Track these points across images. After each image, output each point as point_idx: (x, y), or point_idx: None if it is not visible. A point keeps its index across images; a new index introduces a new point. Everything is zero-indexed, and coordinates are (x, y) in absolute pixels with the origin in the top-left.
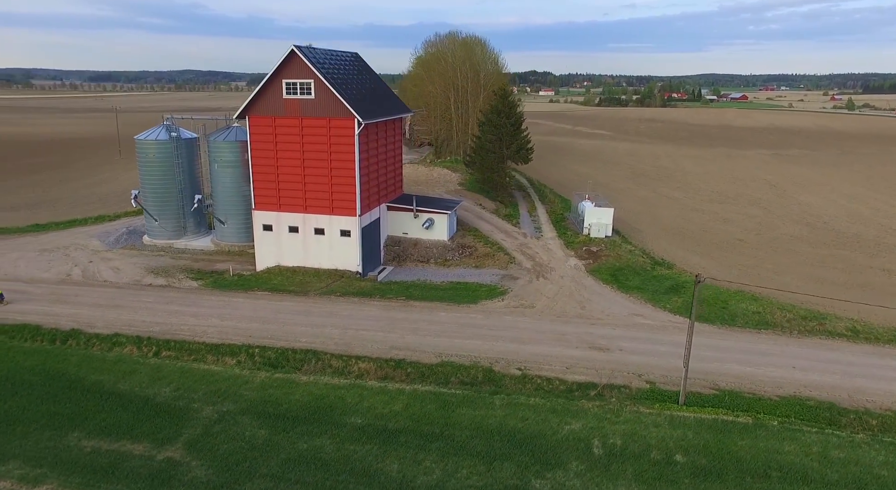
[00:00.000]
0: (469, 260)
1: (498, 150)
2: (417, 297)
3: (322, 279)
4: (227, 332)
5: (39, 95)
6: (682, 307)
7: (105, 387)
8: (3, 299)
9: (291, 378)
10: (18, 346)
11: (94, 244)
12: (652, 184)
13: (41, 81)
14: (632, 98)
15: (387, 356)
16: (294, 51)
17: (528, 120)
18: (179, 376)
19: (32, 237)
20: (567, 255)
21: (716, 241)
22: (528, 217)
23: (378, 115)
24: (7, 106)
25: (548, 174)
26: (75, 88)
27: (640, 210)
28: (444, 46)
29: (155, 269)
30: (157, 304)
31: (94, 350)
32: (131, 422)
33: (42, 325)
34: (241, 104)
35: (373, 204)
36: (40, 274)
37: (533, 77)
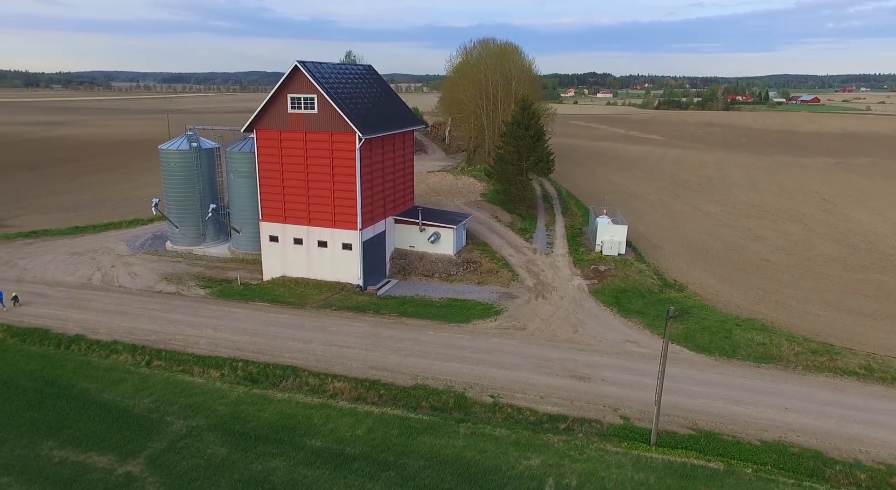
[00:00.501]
0: (472, 276)
1: (517, 162)
2: (411, 313)
3: (323, 292)
4: (218, 344)
5: (116, 97)
6: (682, 335)
7: (91, 395)
8: (17, 301)
9: (267, 394)
10: (26, 349)
11: (120, 248)
12: (689, 196)
13: (120, 84)
14: (692, 101)
15: (363, 376)
16: (297, 67)
17: (581, 123)
18: (163, 387)
19: (69, 240)
20: (573, 273)
21: (740, 262)
22: (543, 231)
23: (383, 129)
24: (87, 107)
25: (581, 183)
26: (149, 90)
27: (668, 225)
28: (477, 53)
29: (169, 275)
30: (161, 312)
31: (93, 357)
32: (104, 433)
33: (51, 329)
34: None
35: (377, 217)
36: (64, 277)
37: (592, 79)
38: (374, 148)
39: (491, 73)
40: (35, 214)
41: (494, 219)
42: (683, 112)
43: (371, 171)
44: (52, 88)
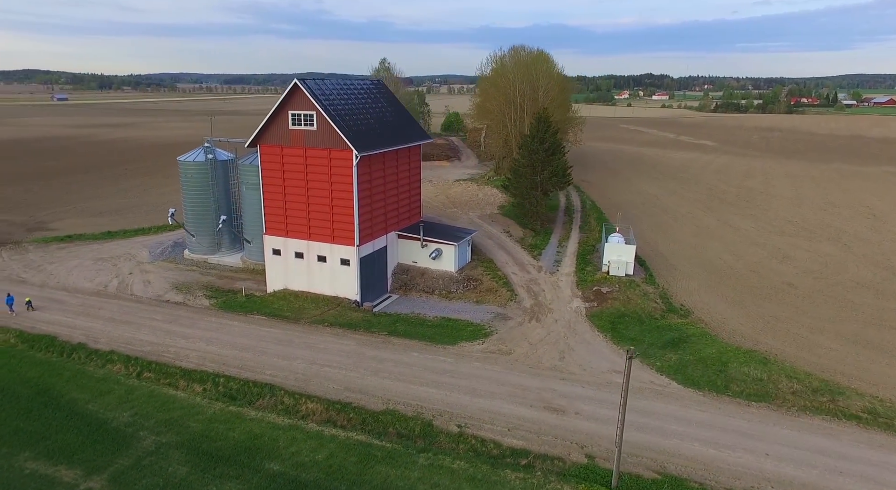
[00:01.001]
0: (471, 294)
1: (530, 175)
2: (400, 332)
3: (320, 306)
4: (206, 358)
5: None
6: (674, 366)
7: (77, 406)
8: (31, 306)
9: (241, 412)
10: (31, 356)
11: (142, 255)
12: (723, 209)
13: (185, 85)
14: (752, 103)
15: (337, 398)
16: (297, 84)
17: (630, 127)
18: (145, 400)
19: (98, 245)
20: (574, 295)
21: (758, 285)
22: (555, 248)
23: (385, 145)
24: (151, 109)
25: (612, 194)
26: (210, 91)
27: (691, 242)
28: (506, 61)
29: (180, 284)
30: (162, 322)
31: (89, 367)
32: (79, 445)
33: (58, 336)
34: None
35: (377, 233)
36: (83, 283)
37: (648, 80)
38: (373, 164)
39: (518, 82)
40: (76, 218)
41: (505, 233)
42: (741, 115)
43: (370, 187)
44: (123, 90)
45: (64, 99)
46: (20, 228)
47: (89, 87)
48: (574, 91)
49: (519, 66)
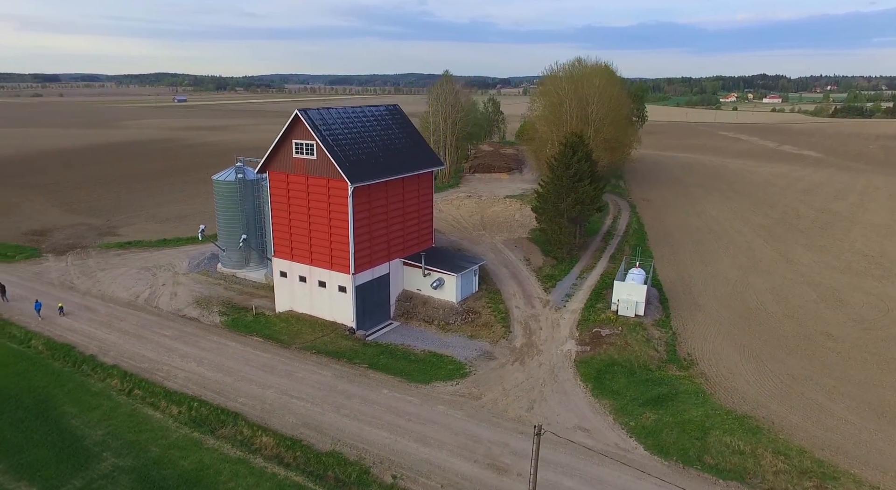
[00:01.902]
0: (467, 327)
1: (554, 202)
2: (380, 366)
3: (316, 331)
4: (191, 380)
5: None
6: (648, 428)
7: (63, 420)
8: (62, 312)
9: (201, 440)
10: (48, 364)
11: (181, 266)
12: (789, 237)
13: (292, 85)
14: (880, 107)
15: (291, 433)
16: (297, 115)
17: (729, 135)
18: (124, 419)
19: (149, 253)
20: (570, 335)
21: (790, 334)
22: (573, 279)
23: (389, 174)
24: (256, 110)
25: (669, 215)
26: (314, 92)
27: (732, 277)
28: (558, 76)
29: (202, 298)
30: (168, 339)
31: (91, 380)
32: (46, 462)
33: (75, 346)
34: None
35: (378, 261)
36: (120, 293)
37: (761, 81)
38: (373, 192)
39: (568, 99)
40: (144, 223)
41: (525, 261)
42: (864, 121)
43: (369, 215)
44: (236, 91)
45: (183, 100)
46: (94, 233)
47: (207, 89)
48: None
49: (569, 79)
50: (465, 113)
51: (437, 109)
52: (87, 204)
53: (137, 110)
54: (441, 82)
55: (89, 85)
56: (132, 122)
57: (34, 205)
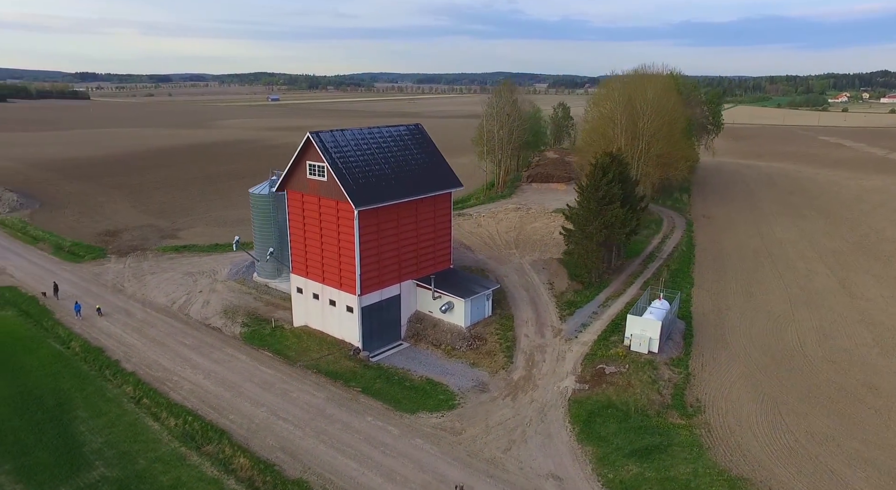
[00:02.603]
0: (471, 354)
1: (582, 225)
2: (374, 391)
3: (324, 349)
4: (194, 392)
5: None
6: (629, 483)
7: (72, 424)
8: (101, 313)
9: (185, 456)
10: (78, 367)
11: (222, 272)
12: (861, 265)
13: (381, 84)
14: None
15: (267, 456)
16: (309, 138)
17: (830, 140)
18: (126, 428)
19: (198, 258)
20: (573, 371)
21: (824, 383)
22: (594, 307)
23: (402, 196)
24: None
25: (728, 235)
26: (401, 91)
27: (777, 311)
28: (615, 84)
29: (230, 308)
30: (186, 348)
31: (109, 385)
32: (45, 466)
33: (105, 350)
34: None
35: (387, 282)
36: (159, 298)
37: (881, 78)
38: (383, 215)
39: (619, 111)
40: (203, 227)
41: (547, 285)
42: None
43: (378, 237)
44: (327, 90)
45: (276, 99)
46: (157, 235)
47: (300, 88)
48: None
49: (621, 93)
50: (522, 121)
51: (492, 117)
52: (159, 205)
53: (232, 109)
54: (499, 89)
55: (195, 84)
56: (224, 121)
57: (115, 205)
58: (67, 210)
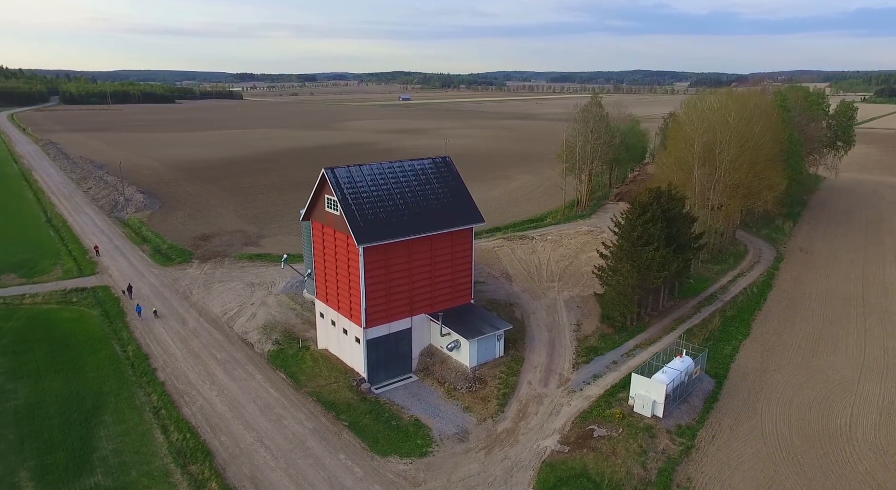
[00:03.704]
0: (468, 397)
1: (615, 266)
2: (360, 427)
3: (331, 376)
4: (203, 409)
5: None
6: None
7: (97, 429)
8: (157, 314)
9: (170, 473)
10: (123, 370)
11: (278, 285)
12: None
13: (513, 83)
14: None
15: (236, 485)
16: (324, 174)
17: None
18: (136, 438)
19: (265, 268)
20: (559, 430)
21: (856, 479)
22: (617, 355)
23: (414, 233)
24: (468, 110)
25: (819, 274)
26: (532, 90)
27: (837, 377)
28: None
29: (271, 323)
30: (214, 362)
31: (139, 392)
32: (59, 467)
33: (150, 357)
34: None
35: (397, 315)
36: (214, 308)
37: None
38: (392, 250)
39: (697, 135)
40: (285, 235)
41: (574, 327)
42: None
43: (387, 272)
44: (459, 89)
45: (407, 99)
46: (242, 241)
47: (433, 87)
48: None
49: (698, 117)
50: (611, 136)
51: (577, 131)
52: (255, 210)
53: (363, 109)
54: (587, 105)
55: (336, 84)
56: (350, 122)
57: (221, 208)
58: (180, 212)
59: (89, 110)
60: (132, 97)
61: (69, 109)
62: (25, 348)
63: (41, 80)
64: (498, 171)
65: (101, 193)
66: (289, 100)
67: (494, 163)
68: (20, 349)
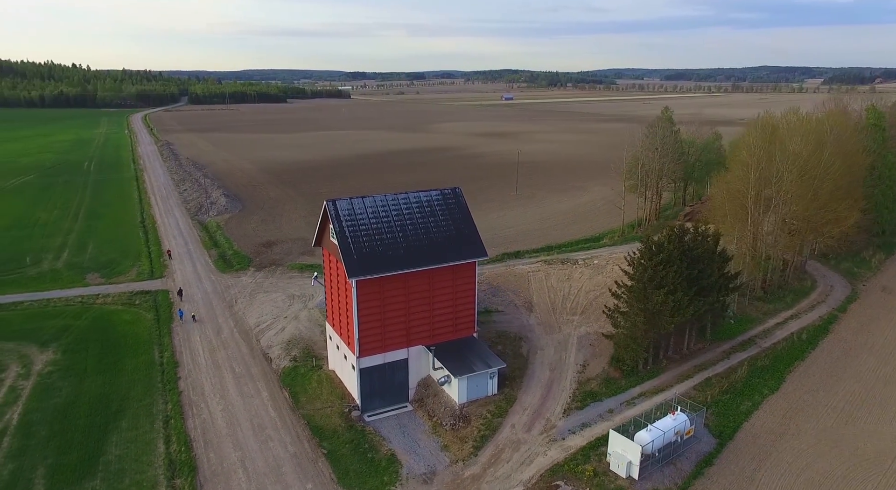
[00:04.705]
0: (449, 434)
1: (623, 308)
2: (335, 457)
3: (329, 399)
4: (205, 423)
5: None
6: None
7: (111, 433)
8: (195, 319)
9: (158, 485)
10: (153, 378)
11: (317, 298)
12: None
13: (624, 81)
14: None
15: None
16: (325, 206)
17: None
18: (140, 446)
19: (308, 280)
20: (527, 482)
21: None
22: (616, 403)
23: (405, 267)
24: (569, 111)
25: (891, 321)
26: (641, 89)
27: (872, 450)
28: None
29: (294, 339)
30: (230, 376)
31: (160, 401)
32: (69, 468)
33: (179, 365)
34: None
35: (392, 346)
36: (251, 319)
37: None
38: (388, 283)
39: (753, 162)
40: None
41: (580, 367)
42: None
43: (381, 304)
44: (565, 88)
45: (510, 99)
46: (299, 250)
47: (539, 85)
48: None
49: (759, 138)
50: (681, 154)
51: (645, 148)
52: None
53: (461, 110)
54: (656, 121)
55: (443, 82)
56: (444, 124)
57: (292, 214)
58: (256, 216)
59: (209, 110)
60: (249, 97)
61: (193, 110)
62: (83, 347)
63: (175, 81)
64: (575, 181)
65: (192, 195)
66: (393, 99)
67: (574, 171)
68: (78, 348)
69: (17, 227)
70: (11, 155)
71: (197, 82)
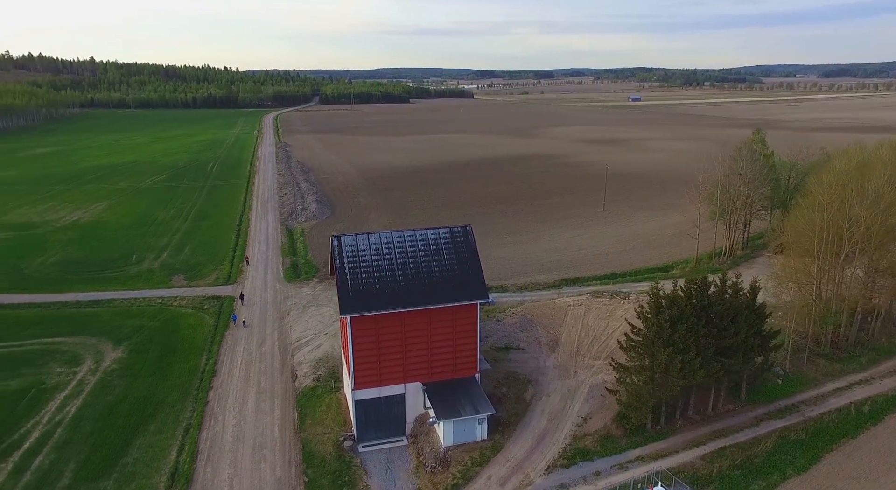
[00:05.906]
0: (426, 478)
1: (632, 367)
2: (314, 486)
3: (331, 424)
4: (215, 437)
5: (742, 99)
6: None
7: (139, 436)
8: (245, 324)
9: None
10: (191, 385)
11: None
12: None
13: (771, 79)
14: None
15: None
16: (332, 240)
17: None
18: (156, 452)
19: None
20: None
21: None
22: (607, 464)
23: (401, 306)
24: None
25: None
26: (791, 88)
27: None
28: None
29: (324, 357)
30: (253, 391)
31: (186, 411)
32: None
33: (217, 374)
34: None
35: (389, 381)
36: (295, 333)
37: None
38: (385, 320)
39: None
40: None
41: (580, 421)
42: None
43: (377, 340)
44: (702, 87)
45: (637, 100)
46: None
47: (673, 85)
48: None
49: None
50: (769, 180)
51: (731, 173)
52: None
53: (582, 112)
54: (746, 143)
55: (570, 81)
56: (556, 128)
57: (375, 223)
58: (340, 224)
59: (335, 110)
60: (373, 97)
61: (320, 110)
62: (146, 348)
63: (310, 82)
64: (672, 198)
65: (288, 200)
66: (516, 99)
67: (675, 187)
68: (143, 348)
69: (137, 226)
70: (156, 154)
71: (329, 82)
